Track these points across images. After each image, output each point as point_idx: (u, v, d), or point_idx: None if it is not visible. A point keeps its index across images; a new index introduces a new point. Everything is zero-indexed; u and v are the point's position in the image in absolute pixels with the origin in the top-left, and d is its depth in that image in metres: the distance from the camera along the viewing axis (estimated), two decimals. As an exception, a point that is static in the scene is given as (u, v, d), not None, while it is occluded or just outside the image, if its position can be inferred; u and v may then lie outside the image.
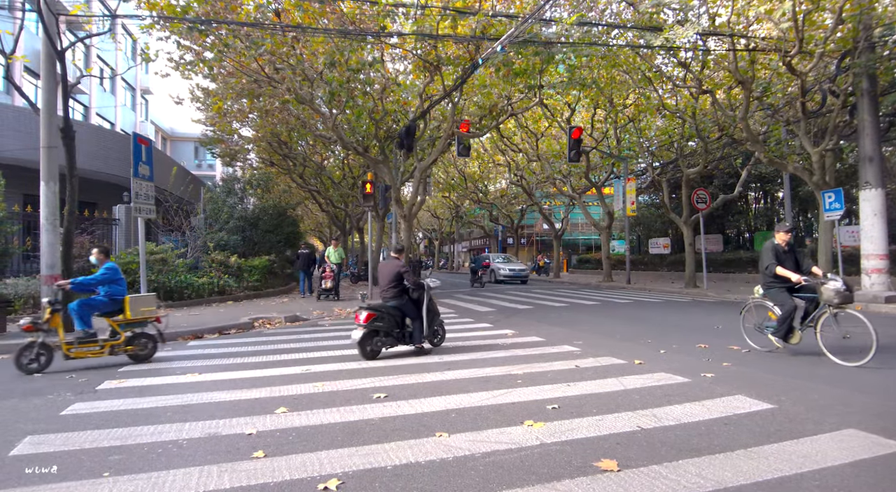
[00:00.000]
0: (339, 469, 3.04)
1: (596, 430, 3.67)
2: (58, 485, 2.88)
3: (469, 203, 39.66)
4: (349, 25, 12.84)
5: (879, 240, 12.10)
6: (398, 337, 6.75)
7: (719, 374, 5.32)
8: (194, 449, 3.41)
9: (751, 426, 3.70)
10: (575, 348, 6.96)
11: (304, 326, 10.06)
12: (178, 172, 21.20)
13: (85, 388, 5.13)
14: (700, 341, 7.32)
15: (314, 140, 22.82)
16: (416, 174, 18.33)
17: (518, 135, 25.25)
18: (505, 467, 3.05)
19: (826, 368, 5.58)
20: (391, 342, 6.67)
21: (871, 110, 12.39)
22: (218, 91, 18.47)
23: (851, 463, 3.04)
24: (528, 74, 14.63)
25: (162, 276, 13.08)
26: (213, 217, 17.70)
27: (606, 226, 24.43)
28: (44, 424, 3.98)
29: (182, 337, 8.48)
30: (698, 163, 19.88)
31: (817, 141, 14.47)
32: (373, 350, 6.53)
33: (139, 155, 8.81)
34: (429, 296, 6.96)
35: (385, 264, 7.02)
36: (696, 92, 15.85)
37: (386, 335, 6.61)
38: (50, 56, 8.43)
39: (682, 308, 12.34)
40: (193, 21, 11.61)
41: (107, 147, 17.60)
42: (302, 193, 29.82)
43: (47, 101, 8.38)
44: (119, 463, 3.19)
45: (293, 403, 4.46)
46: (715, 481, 2.81)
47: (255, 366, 6.13)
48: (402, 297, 6.78)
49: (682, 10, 12.25)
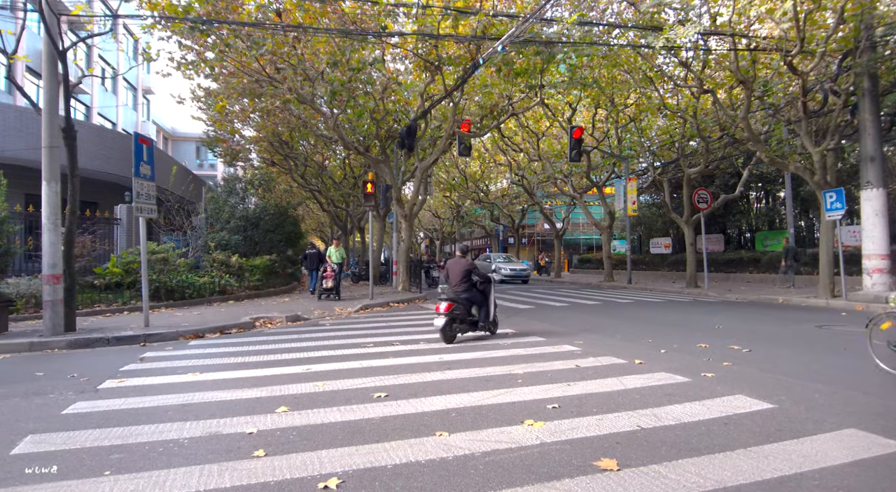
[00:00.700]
0: (339, 468, 3.05)
1: (596, 429, 3.67)
2: (59, 483, 2.89)
3: (470, 203, 39.63)
4: (350, 25, 12.85)
5: (881, 240, 12.08)
6: (470, 324, 7.82)
7: (720, 373, 5.32)
8: (195, 448, 3.42)
9: (751, 426, 3.70)
10: (575, 348, 6.96)
11: (305, 325, 10.07)
12: (179, 171, 21.23)
13: (86, 387, 5.14)
14: (701, 341, 7.32)
15: (315, 140, 22.84)
16: (417, 174, 18.34)
17: (519, 134, 25.23)
18: (505, 467, 3.05)
19: (826, 368, 5.57)
20: (465, 328, 7.80)
21: (872, 110, 12.38)
22: (219, 91, 18.49)
23: (852, 463, 3.04)
24: (528, 74, 14.63)
25: (163, 275, 13.10)
26: (214, 217, 17.72)
27: (607, 226, 24.41)
28: (45, 423, 3.99)
29: (183, 336, 8.50)
30: (699, 162, 19.85)
31: (818, 140, 14.45)
32: (452, 335, 7.62)
33: (140, 155, 8.82)
34: (493, 288, 8.06)
35: (455, 262, 8.15)
36: (697, 91, 15.84)
37: (461, 322, 7.72)
38: (51, 56, 8.43)
39: (682, 308, 12.33)
40: (195, 21, 11.63)
41: (108, 147, 17.63)
42: (303, 193, 29.84)
43: (49, 101, 8.39)
44: (120, 462, 3.20)
45: (294, 402, 4.47)
46: (715, 481, 2.81)
47: (256, 365, 6.14)
48: (472, 289, 7.92)
49: (683, 9, 12.24)
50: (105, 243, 14.46)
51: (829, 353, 6.45)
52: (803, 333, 8.07)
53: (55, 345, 7.68)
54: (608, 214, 24.28)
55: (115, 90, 29.70)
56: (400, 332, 8.83)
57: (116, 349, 7.62)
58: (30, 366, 6.37)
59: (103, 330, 8.64)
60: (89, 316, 10.87)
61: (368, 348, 7.18)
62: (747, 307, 12.32)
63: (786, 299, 13.41)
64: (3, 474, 3.04)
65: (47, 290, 8.13)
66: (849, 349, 6.67)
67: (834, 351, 6.56)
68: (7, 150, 14.52)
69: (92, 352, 7.43)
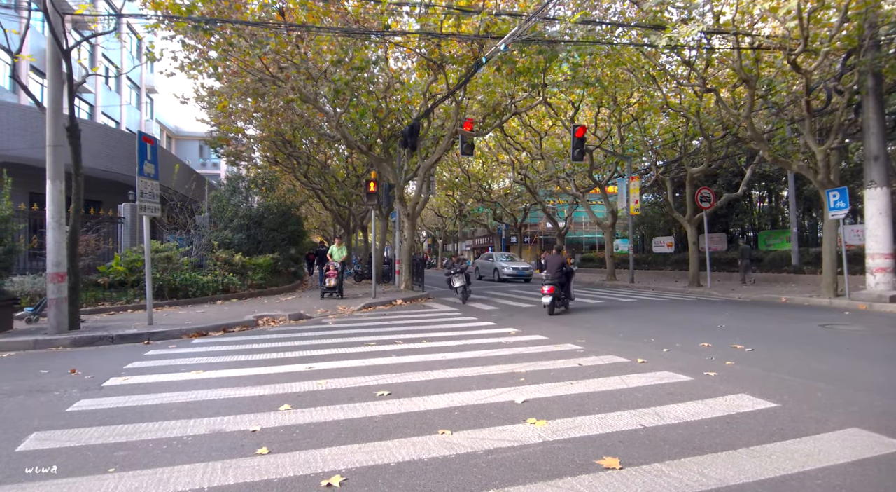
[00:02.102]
0: (342, 466, 3.06)
1: (598, 428, 3.68)
2: (63, 480, 2.91)
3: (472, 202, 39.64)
4: (353, 24, 12.86)
5: (884, 239, 12.05)
6: (561, 304, 11.12)
7: (722, 372, 5.32)
8: (199, 445, 3.44)
9: (754, 425, 3.70)
10: (578, 347, 6.96)
11: (308, 324, 10.09)
12: (183, 170, 21.26)
13: (90, 385, 5.17)
14: (703, 340, 7.31)
15: (318, 139, 22.86)
16: (420, 173, 18.34)
17: (522, 133, 25.21)
18: (507, 465, 3.06)
19: (829, 367, 5.57)
20: (560, 305, 11.05)
21: (876, 109, 12.34)
22: (223, 90, 18.51)
23: (854, 462, 3.04)
24: (531, 73, 14.62)
25: (167, 274, 13.15)
26: (217, 216, 17.75)
27: (610, 224, 24.38)
28: (50, 420, 4.02)
29: (187, 334, 8.53)
30: (702, 161, 19.82)
31: (822, 139, 14.41)
32: (554, 309, 10.71)
33: (144, 153, 8.84)
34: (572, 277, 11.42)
35: (552, 257, 11.21)
36: (700, 90, 15.79)
37: (558, 300, 10.87)
38: (55, 55, 8.46)
39: (685, 307, 12.32)
40: (198, 20, 11.65)
41: (112, 146, 17.68)
42: (306, 192, 29.88)
43: (53, 100, 8.42)
44: (124, 459, 3.22)
45: (297, 400, 4.49)
46: (717, 480, 2.81)
47: (260, 364, 6.16)
48: (562, 277, 10.88)
49: (686, 8, 12.21)
50: (109, 242, 14.52)
51: (832, 352, 6.43)
52: (806, 333, 8.05)
53: (59, 343, 7.72)
54: (611, 213, 24.25)
55: (119, 89, 29.77)
56: (402, 330, 8.84)
57: (120, 347, 7.66)
58: (34, 364, 6.40)
59: (107, 328, 8.68)
60: (93, 314, 10.92)
61: (371, 347, 7.19)
62: (750, 306, 12.30)
63: (788, 299, 13.39)
64: (8, 471, 3.06)
65: (51, 288, 8.17)
66: (852, 348, 6.66)
67: (837, 350, 6.55)
68: (11, 149, 14.57)
69: (96, 350, 7.47)
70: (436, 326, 9.50)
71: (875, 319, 9.75)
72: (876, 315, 10.36)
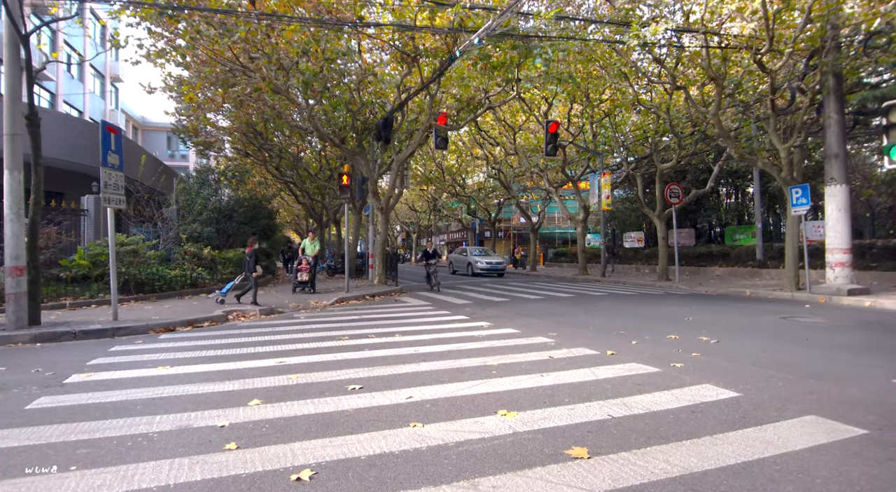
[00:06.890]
0: (312, 460, 3.04)
1: (568, 419, 3.73)
2: (22, 479, 2.82)
3: (447, 196, 39.65)
4: (326, 14, 12.67)
5: (843, 234, 12.49)
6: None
7: (688, 364, 5.45)
8: (165, 442, 3.37)
9: (717, 414, 3.80)
10: (549, 340, 7.04)
11: (279, 318, 9.97)
12: (150, 161, 20.68)
13: (51, 382, 5.01)
14: (671, 333, 7.48)
15: (290, 131, 22.52)
16: (394, 167, 18.25)
17: (496, 128, 25.31)
18: (478, 456, 3.08)
19: (790, 358, 5.76)
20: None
21: (837, 108, 12.75)
22: (191, 80, 18.05)
23: (811, 448, 3.16)
24: (505, 68, 14.67)
25: (133, 268, 12.80)
26: (186, 208, 17.37)
27: (582, 220, 24.69)
28: (7, 418, 3.88)
29: (153, 330, 8.33)
30: (672, 158, 20.21)
31: (786, 137, 14.83)
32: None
33: (108, 144, 8.58)
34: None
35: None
36: (670, 88, 16.08)
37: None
38: (13, 40, 8.14)
39: (654, 300, 12.57)
40: (164, 6, 11.32)
41: (75, 136, 17.08)
42: (278, 185, 29.43)
43: (11, 87, 8.10)
44: (87, 457, 3.13)
45: (267, 395, 4.44)
46: (681, 467, 2.88)
47: (229, 358, 6.06)
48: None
49: (657, 6, 12.39)
50: (72, 235, 14.03)
51: (793, 343, 6.65)
52: (769, 325, 8.31)
53: (19, 339, 7.46)
54: (583, 209, 24.56)
55: (82, 78, 28.77)
56: (375, 324, 8.81)
57: (83, 343, 7.44)
58: (-9, 361, 6.18)
59: (70, 324, 8.42)
60: (55, 310, 10.58)
61: (343, 341, 7.15)
62: (716, 300, 12.63)
63: (753, 292, 13.78)
64: (-38, 470, 2.95)
65: (10, 282, 7.88)
66: (811, 340, 6.89)
67: (797, 342, 6.78)
68: (-34, 137, 13.94)
69: (58, 346, 7.24)
70: (409, 320, 9.50)
71: (833, 311, 10.12)
72: (834, 308, 10.74)
